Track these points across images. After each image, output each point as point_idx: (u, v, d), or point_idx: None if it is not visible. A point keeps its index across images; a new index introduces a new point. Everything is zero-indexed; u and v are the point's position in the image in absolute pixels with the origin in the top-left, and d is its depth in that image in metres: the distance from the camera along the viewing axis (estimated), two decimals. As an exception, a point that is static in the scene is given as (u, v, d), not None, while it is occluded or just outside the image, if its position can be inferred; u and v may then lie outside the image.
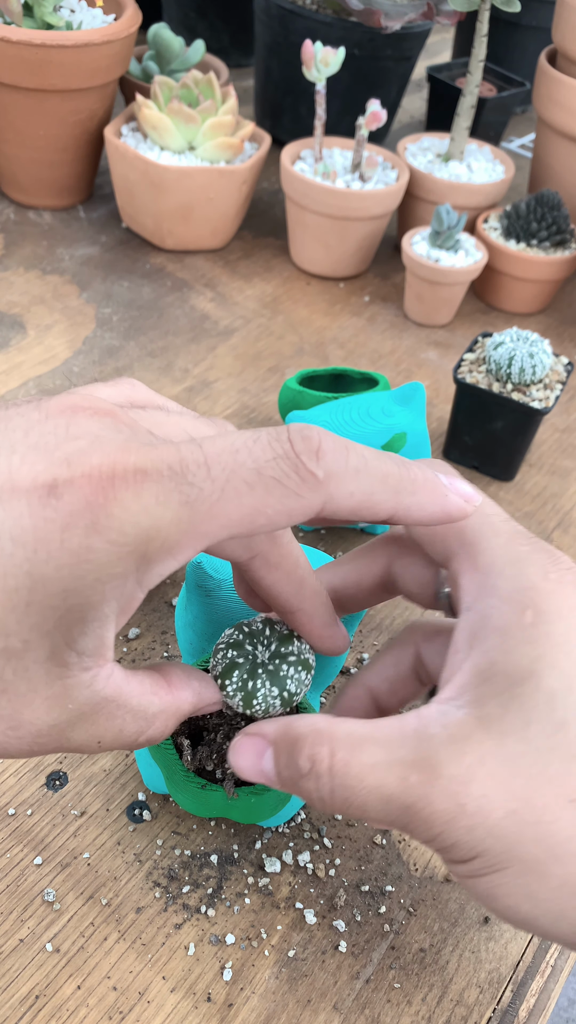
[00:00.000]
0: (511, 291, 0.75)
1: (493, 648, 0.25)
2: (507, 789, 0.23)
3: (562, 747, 0.23)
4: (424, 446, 0.49)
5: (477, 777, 0.23)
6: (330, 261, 0.76)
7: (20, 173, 0.76)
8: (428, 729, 0.24)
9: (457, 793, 0.23)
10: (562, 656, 0.24)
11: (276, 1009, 0.35)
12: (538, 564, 0.26)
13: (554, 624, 0.25)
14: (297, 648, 0.31)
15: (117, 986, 0.35)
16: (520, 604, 0.25)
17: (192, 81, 0.73)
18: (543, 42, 1.00)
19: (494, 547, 0.27)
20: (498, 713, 0.24)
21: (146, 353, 0.66)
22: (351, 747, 0.24)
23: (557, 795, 0.23)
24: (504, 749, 0.23)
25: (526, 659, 0.24)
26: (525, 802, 0.23)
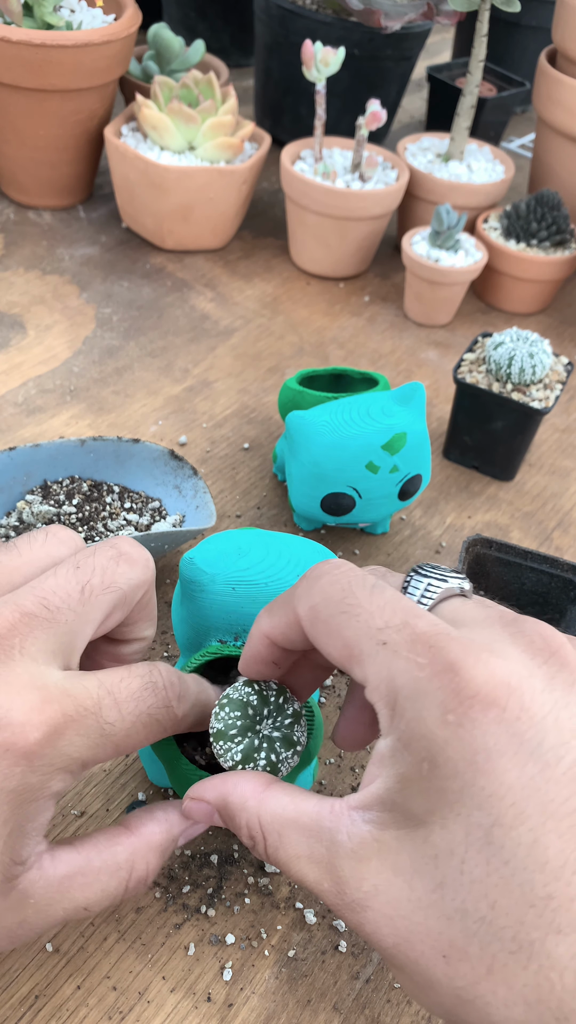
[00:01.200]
0: (511, 291, 0.75)
1: (394, 790, 0.25)
2: (393, 926, 0.24)
3: (437, 906, 0.24)
4: (424, 446, 0.49)
5: (371, 907, 0.25)
6: (330, 261, 0.76)
7: (20, 173, 0.76)
8: (338, 834, 0.26)
9: (357, 913, 0.25)
10: (451, 817, 0.24)
11: (276, 1009, 0.35)
12: (436, 701, 0.24)
13: (449, 781, 0.24)
14: (299, 733, 0.32)
15: (117, 986, 0.35)
16: (418, 754, 0.24)
17: (192, 81, 0.73)
18: (543, 42, 1.00)
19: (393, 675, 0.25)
20: (395, 847, 0.25)
21: (146, 353, 0.66)
22: (276, 832, 0.27)
23: (432, 947, 0.24)
24: (392, 890, 0.25)
25: (420, 810, 0.24)
26: (406, 942, 0.24)
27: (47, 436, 0.58)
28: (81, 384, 0.63)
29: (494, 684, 0.24)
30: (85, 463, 0.53)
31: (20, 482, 0.51)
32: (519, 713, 0.24)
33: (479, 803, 0.23)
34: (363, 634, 0.26)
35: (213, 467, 0.58)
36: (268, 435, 0.61)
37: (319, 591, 0.27)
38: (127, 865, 0.29)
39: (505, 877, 0.23)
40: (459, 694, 0.24)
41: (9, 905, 0.27)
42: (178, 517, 0.51)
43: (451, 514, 0.58)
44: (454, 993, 0.24)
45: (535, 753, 0.23)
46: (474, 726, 0.24)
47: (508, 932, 0.23)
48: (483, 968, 0.23)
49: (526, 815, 0.23)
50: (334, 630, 0.27)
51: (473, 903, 0.23)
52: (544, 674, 0.25)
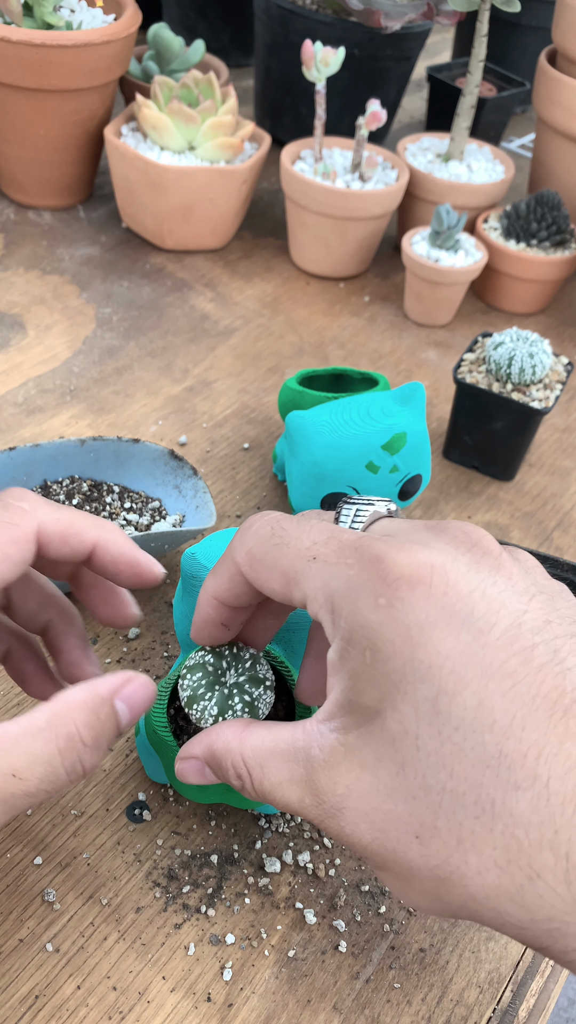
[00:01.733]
0: (511, 291, 0.75)
1: (348, 688, 0.26)
2: (369, 821, 0.25)
3: (403, 788, 0.25)
4: (424, 446, 0.49)
5: (347, 807, 0.26)
6: (330, 261, 0.76)
7: (20, 173, 0.76)
8: (311, 750, 0.27)
9: (336, 818, 0.26)
10: (399, 698, 0.25)
11: (276, 1009, 0.35)
12: (367, 589, 0.26)
13: (391, 662, 0.25)
14: (263, 670, 0.33)
15: (117, 986, 0.35)
16: (360, 645, 0.25)
17: (192, 81, 0.73)
18: (543, 42, 1.00)
19: (328, 581, 0.27)
20: (358, 744, 0.26)
21: (146, 353, 0.66)
22: (259, 765, 0.28)
23: (404, 831, 0.25)
24: (362, 784, 0.25)
25: (373, 700, 0.25)
26: (383, 832, 0.25)
27: (47, 436, 0.58)
28: (81, 384, 0.63)
29: (417, 565, 0.25)
30: (85, 463, 0.53)
31: (20, 482, 0.51)
32: (445, 588, 0.25)
33: (421, 676, 0.24)
34: (295, 557, 0.28)
35: (213, 467, 0.58)
36: (268, 435, 0.61)
37: (251, 536, 0.29)
38: (49, 727, 0.28)
39: (457, 743, 0.24)
40: (386, 578, 0.25)
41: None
42: (178, 517, 0.51)
43: (451, 514, 0.58)
44: (432, 874, 0.24)
45: (466, 622, 0.25)
46: (403, 604, 0.25)
47: (470, 797, 0.24)
48: (453, 840, 0.24)
49: (467, 680, 0.24)
50: (270, 563, 0.28)
51: (433, 775, 0.24)
52: (468, 559, 0.26)
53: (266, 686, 0.33)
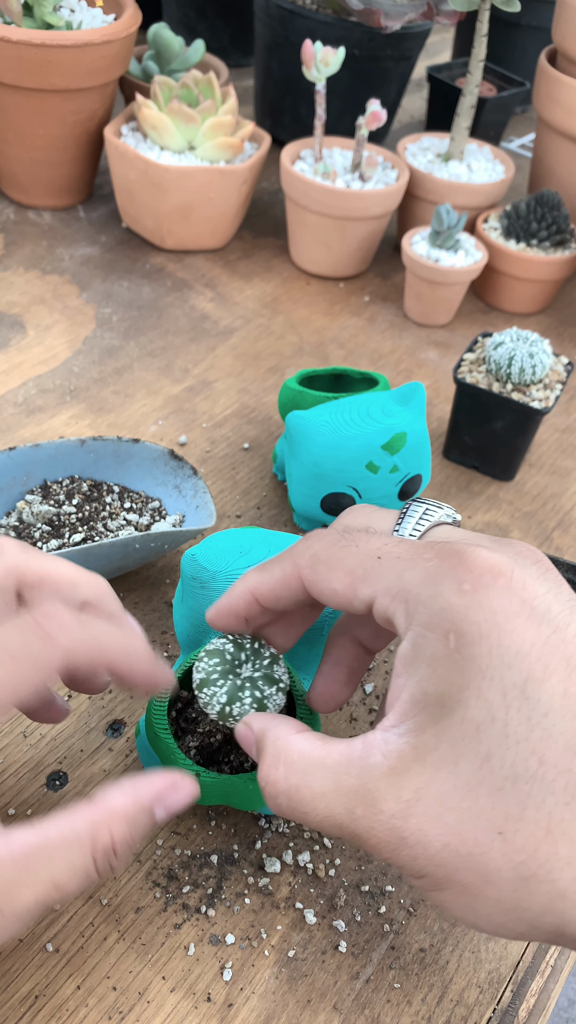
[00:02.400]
0: (511, 291, 0.75)
1: (425, 678, 0.26)
2: (442, 823, 0.24)
3: (487, 781, 0.24)
4: (424, 446, 0.49)
5: (414, 813, 0.25)
6: (330, 261, 0.76)
7: (20, 173, 0.76)
8: (371, 758, 0.26)
9: (397, 828, 0.25)
10: (485, 684, 0.24)
11: (276, 1009, 0.35)
12: (450, 577, 0.26)
13: (476, 647, 0.25)
14: (280, 672, 0.34)
15: (117, 986, 0.35)
16: (442, 629, 0.25)
17: (192, 81, 0.73)
18: (543, 42, 1.00)
19: (402, 574, 0.27)
20: (432, 743, 0.25)
21: (146, 353, 0.66)
22: (302, 771, 0.27)
23: (486, 828, 0.24)
24: (436, 784, 0.25)
25: (454, 687, 0.25)
26: (458, 835, 0.24)
27: (47, 436, 0.58)
28: (81, 384, 0.62)
29: (497, 561, 0.26)
30: (85, 463, 0.53)
31: (20, 482, 0.51)
32: (524, 585, 0.26)
33: (508, 662, 0.25)
34: (364, 556, 0.28)
35: (213, 467, 0.58)
36: (268, 435, 0.61)
37: (317, 540, 0.30)
38: (88, 835, 0.28)
39: (547, 729, 0.24)
40: (471, 569, 0.26)
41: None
42: (178, 517, 0.51)
43: (451, 514, 0.58)
44: (515, 874, 0.24)
45: (546, 618, 0.25)
46: (489, 591, 0.25)
47: (560, 783, 0.23)
48: (542, 830, 0.23)
49: (552, 668, 0.25)
50: (336, 564, 0.29)
51: (523, 763, 0.24)
52: (536, 570, 0.27)
53: (279, 687, 0.33)
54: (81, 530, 0.49)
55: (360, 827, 0.25)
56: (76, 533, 0.49)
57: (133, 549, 0.46)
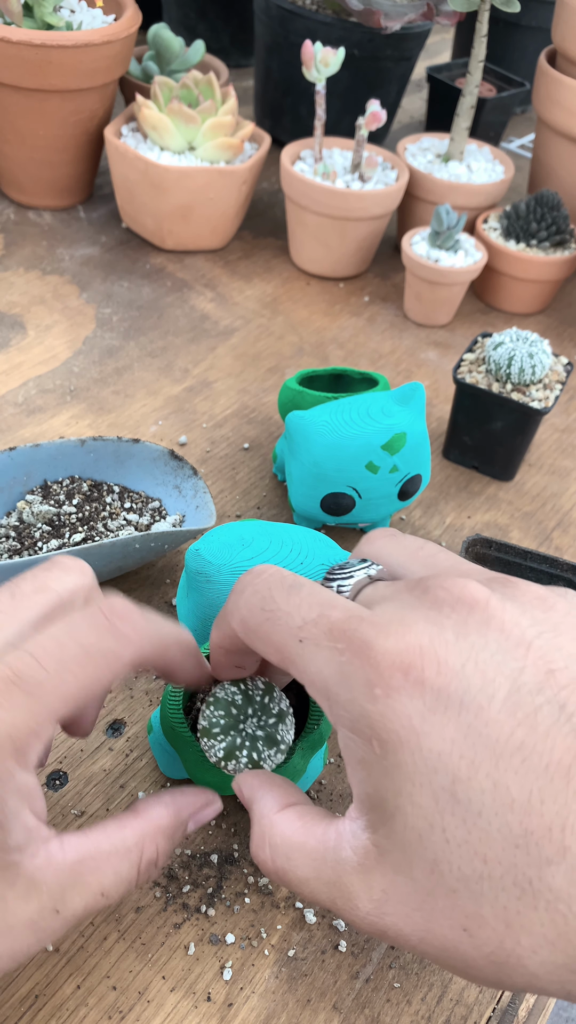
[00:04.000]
0: (511, 291, 0.75)
1: (363, 781, 0.26)
2: (412, 922, 0.25)
3: (441, 884, 0.24)
4: (424, 446, 0.49)
5: (387, 912, 0.25)
6: (330, 261, 0.76)
7: (20, 173, 0.76)
8: (342, 851, 0.26)
9: (375, 923, 0.26)
10: (416, 790, 0.24)
11: (276, 1009, 0.35)
12: (361, 680, 0.25)
13: (399, 753, 0.24)
14: (284, 732, 0.34)
15: (117, 986, 0.35)
16: (364, 735, 0.25)
17: (192, 81, 0.73)
18: (543, 42, 1.00)
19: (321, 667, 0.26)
20: (387, 845, 0.25)
21: (146, 353, 0.66)
22: (285, 856, 0.28)
23: (451, 927, 0.24)
24: (398, 887, 0.25)
25: (390, 793, 0.25)
26: (429, 932, 0.25)
27: (47, 436, 0.58)
28: (81, 384, 0.63)
29: (405, 651, 0.25)
30: (85, 463, 0.53)
31: (20, 482, 0.51)
32: (437, 669, 0.24)
33: (433, 766, 0.24)
34: (287, 635, 0.27)
35: (213, 467, 0.58)
36: (268, 435, 0.61)
37: (244, 604, 0.29)
38: (136, 848, 0.29)
39: (483, 828, 0.23)
40: (378, 668, 0.25)
41: (18, 893, 0.27)
42: (178, 517, 0.51)
43: (451, 514, 0.58)
44: (489, 960, 0.24)
45: (464, 702, 0.24)
46: (399, 694, 0.24)
47: (508, 879, 0.23)
48: (502, 925, 0.24)
49: (478, 763, 0.24)
50: (263, 637, 0.28)
51: (468, 865, 0.24)
52: (454, 624, 0.25)
53: (279, 749, 0.33)
54: (81, 530, 0.49)
55: (344, 917, 0.26)
56: (76, 533, 0.49)
57: (133, 549, 0.46)
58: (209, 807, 0.32)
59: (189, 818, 0.31)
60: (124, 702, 0.44)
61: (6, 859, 0.26)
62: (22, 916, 0.27)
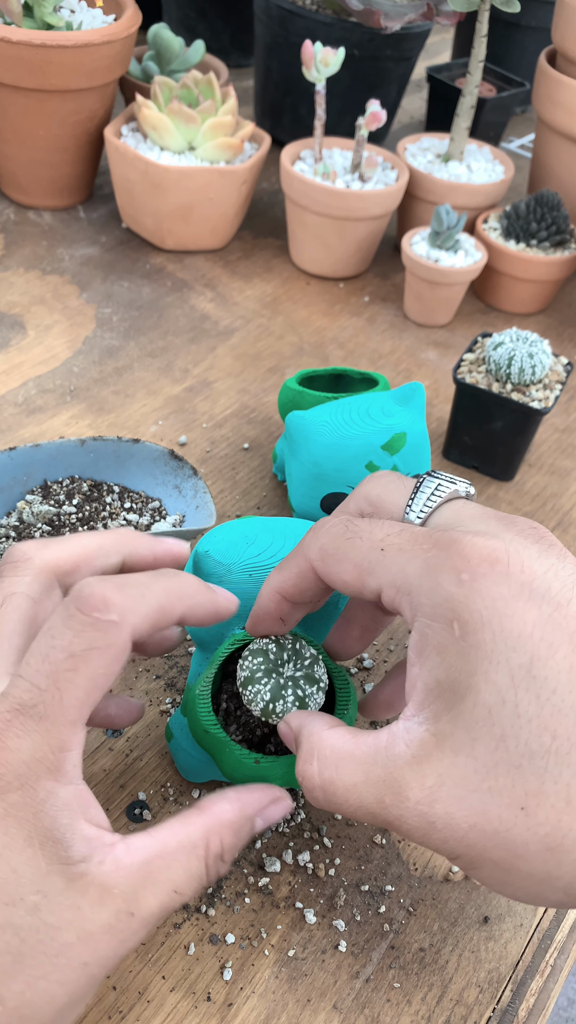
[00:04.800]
0: (511, 291, 0.75)
1: (435, 667, 0.26)
2: (466, 806, 0.25)
3: (504, 760, 0.25)
4: (424, 446, 0.49)
5: (439, 798, 0.26)
6: (330, 261, 0.76)
7: (20, 173, 0.76)
8: (395, 748, 0.27)
9: (425, 813, 0.26)
10: (492, 668, 0.25)
11: (276, 1008, 0.35)
12: (448, 568, 0.27)
13: (480, 633, 0.26)
14: (320, 672, 0.35)
15: (116, 985, 0.35)
16: (445, 618, 0.26)
17: (192, 81, 0.73)
18: (543, 42, 1.00)
19: (404, 566, 0.28)
20: (449, 729, 0.26)
21: (146, 353, 0.66)
22: (334, 765, 0.28)
23: (508, 805, 0.25)
24: (457, 768, 0.25)
25: (463, 674, 0.26)
26: (483, 815, 0.25)
27: (47, 436, 0.58)
28: (81, 384, 0.63)
29: (495, 548, 0.27)
30: (85, 463, 0.53)
31: (20, 482, 0.51)
32: (522, 567, 0.26)
33: (512, 645, 0.25)
34: (368, 549, 0.29)
35: (213, 467, 0.58)
36: (268, 435, 0.61)
37: (324, 533, 0.30)
38: (202, 843, 0.29)
39: (557, 705, 0.25)
40: (467, 559, 0.26)
41: (92, 901, 0.27)
42: (178, 517, 0.51)
43: (451, 514, 0.58)
44: (542, 845, 0.25)
45: (546, 596, 0.26)
46: (486, 579, 0.26)
47: (575, 756, 0.24)
48: (562, 801, 0.24)
49: (556, 645, 0.25)
50: (343, 557, 0.29)
51: (536, 740, 0.25)
52: (538, 548, 0.28)
53: (320, 687, 0.34)
54: (81, 530, 0.49)
55: (391, 815, 0.27)
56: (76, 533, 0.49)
57: (133, 549, 0.46)
58: (277, 804, 0.31)
59: (256, 814, 0.31)
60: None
61: (73, 871, 0.27)
62: (100, 922, 0.27)
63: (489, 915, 0.39)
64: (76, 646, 0.27)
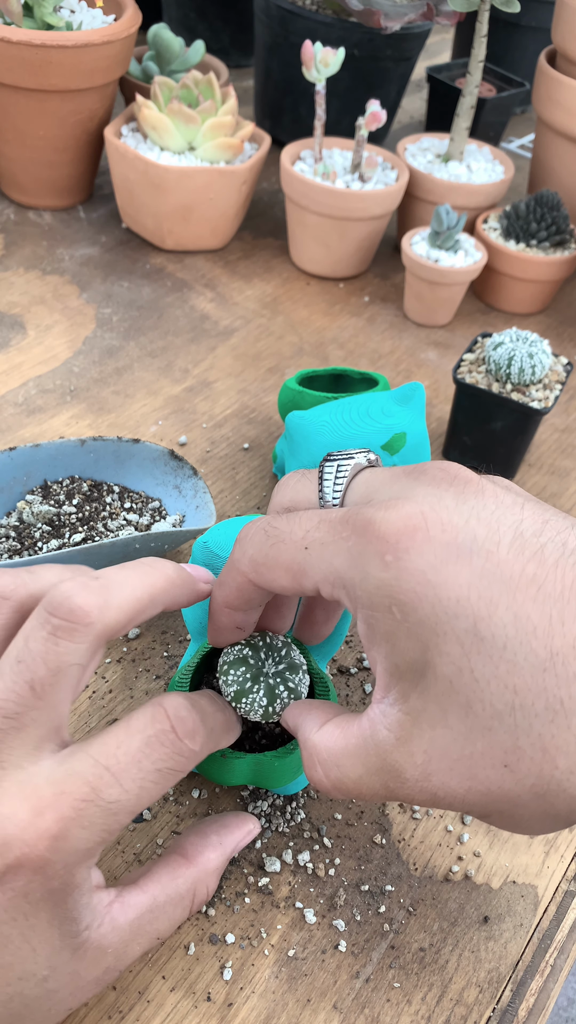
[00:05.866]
0: (510, 291, 0.75)
1: (389, 652, 0.26)
2: (456, 774, 0.26)
3: (476, 726, 0.25)
4: (424, 446, 0.49)
5: (432, 772, 0.26)
6: (330, 261, 0.76)
7: (20, 173, 0.76)
8: (378, 734, 0.27)
9: (425, 788, 0.27)
10: (441, 640, 0.25)
11: (276, 1008, 0.35)
12: (371, 553, 0.26)
13: (420, 610, 0.25)
14: (296, 655, 0.35)
15: (116, 985, 0.35)
16: (383, 606, 0.26)
17: (192, 81, 0.73)
18: (543, 42, 1.00)
19: (331, 560, 0.27)
20: (421, 706, 0.26)
21: (146, 353, 0.66)
22: (335, 765, 0.29)
23: (492, 766, 0.25)
24: (438, 742, 0.26)
25: (416, 653, 0.26)
26: (473, 779, 0.26)
27: (47, 436, 0.58)
28: (81, 384, 0.63)
29: (408, 516, 0.26)
30: (85, 463, 0.53)
31: (20, 482, 0.51)
32: (441, 527, 0.26)
33: (454, 611, 0.25)
34: (293, 551, 0.28)
35: (213, 467, 0.58)
36: (268, 435, 0.61)
37: (249, 543, 0.30)
38: (189, 894, 0.31)
39: (509, 660, 0.24)
40: (384, 538, 0.26)
41: (89, 963, 0.28)
42: (178, 517, 0.51)
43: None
44: (533, 793, 0.25)
45: (472, 549, 0.25)
46: (409, 554, 0.26)
47: (539, 704, 0.24)
48: (539, 753, 0.24)
49: (495, 599, 0.25)
50: (273, 564, 0.29)
51: (500, 699, 0.25)
52: (452, 494, 0.27)
53: (303, 671, 0.35)
54: (81, 530, 0.49)
55: (399, 795, 0.27)
56: (76, 533, 0.49)
57: (133, 549, 0.46)
58: (250, 836, 0.34)
59: (234, 851, 0.33)
60: (124, 702, 0.44)
61: (77, 942, 0.28)
62: (90, 978, 0.29)
63: (489, 915, 0.39)
64: (49, 648, 0.27)
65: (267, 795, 0.41)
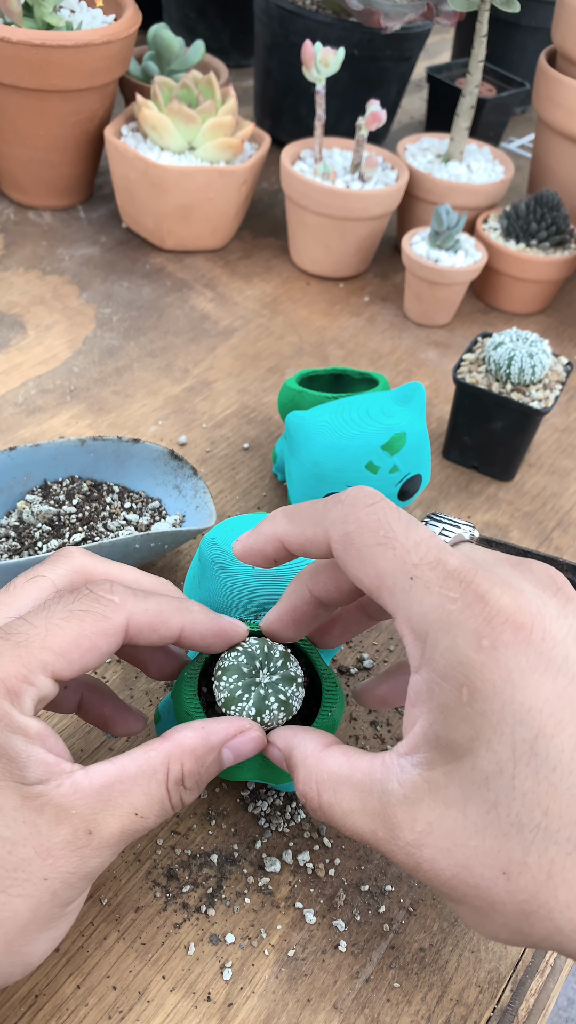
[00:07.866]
0: (511, 291, 0.75)
1: (437, 721, 0.26)
2: (451, 857, 0.26)
3: (494, 825, 0.25)
4: (424, 446, 0.49)
5: (427, 844, 0.26)
6: (330, 261, 0.76)
7: (20, 173, 0.76)
8: (389, 783, 0.27)
9: (413, 855, 0.27)
10: (496, 738, 0.25)
11: (276, 1008, 0.35)
12: (470, 629, 0.26)
13: (489, 703, 0.25)
14: (294, 668, 0.35)
15: (117, 985, 0.35)
16: (456, 681, 0.26)
17: (192, 81, 0.73)
18: (543, 42, 1.00)
19: (426, 609, 0.27)
20: (443, 782, 0.26)
21: (146, 353, 0.66)
22: (332, 789, 0.29)
23: (492, 867, 0.25)
24: (447, 821, 0.26)
25: (464, 737, 0.26)
26: (466, 869, 0.26)
27: (47, 436, 0.58)
28: (81, 384, 0.63)
29: (520, 610, 0.26)
30: (85, 463, 0.53)
31: (20, 482, 0.51)
32: (543, 635, 0.26)
33: (520, 719, 0.25)
34: (397, 567, 0.27)
35: (213, 467, 0.58)
36: (268, 435, 0.61)
37: (355, 519, 0.28)
38: (163, 767, 0.29)
39: (554, 783, 0.25)
40: (491, 621, 0.26)
41: (48, 819, 0.28)
42: (178, 517, 0.51)
43: (451, 514, 0.58)
44: (518, 908, 0.25)
45: (562, 668, 0.25)
46: (507, 648, 0.25)
47: (563, 834, 0.24)
48: (543, 875, 0.25)
49: (564, 723, 0.25)
50: (368, 559, 0.28)
51: (528, 814, 0.25)
52: (556, 604, 0.27)
53: (298, 683, 0.34)
54: (81, 530, 0.49)
55: (382, 847, 0.27)
56: (76, 533, 0.49)
57: (133, 549, 0.46)
58: (245, 735, 0.31)
59: (222, 744, 0.31)
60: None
61: (29, 791, 0.27)
62: (57, 839, 0.28)
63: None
64: (77, 607, 0.30)
65: (267, 795, 0.41)
